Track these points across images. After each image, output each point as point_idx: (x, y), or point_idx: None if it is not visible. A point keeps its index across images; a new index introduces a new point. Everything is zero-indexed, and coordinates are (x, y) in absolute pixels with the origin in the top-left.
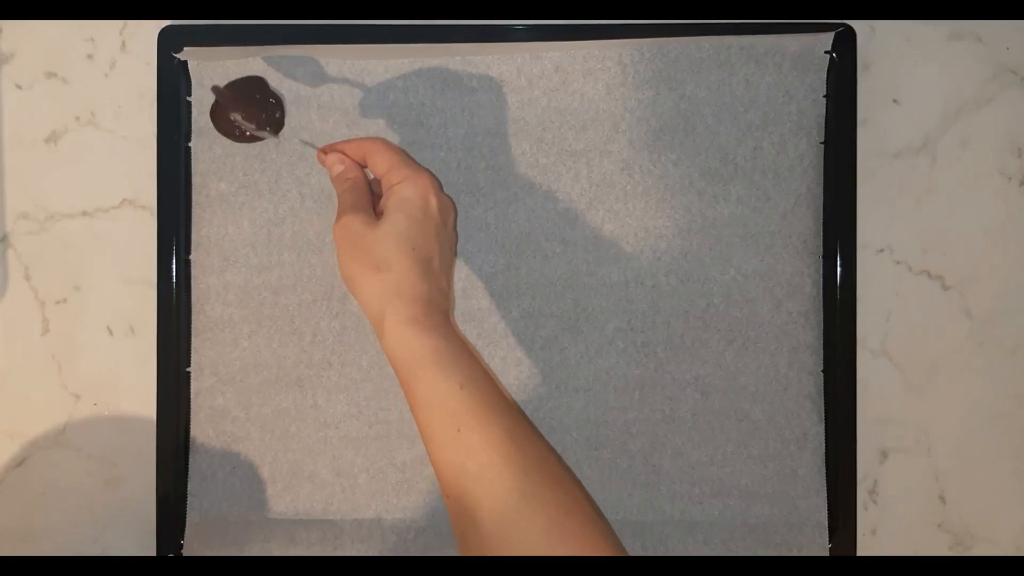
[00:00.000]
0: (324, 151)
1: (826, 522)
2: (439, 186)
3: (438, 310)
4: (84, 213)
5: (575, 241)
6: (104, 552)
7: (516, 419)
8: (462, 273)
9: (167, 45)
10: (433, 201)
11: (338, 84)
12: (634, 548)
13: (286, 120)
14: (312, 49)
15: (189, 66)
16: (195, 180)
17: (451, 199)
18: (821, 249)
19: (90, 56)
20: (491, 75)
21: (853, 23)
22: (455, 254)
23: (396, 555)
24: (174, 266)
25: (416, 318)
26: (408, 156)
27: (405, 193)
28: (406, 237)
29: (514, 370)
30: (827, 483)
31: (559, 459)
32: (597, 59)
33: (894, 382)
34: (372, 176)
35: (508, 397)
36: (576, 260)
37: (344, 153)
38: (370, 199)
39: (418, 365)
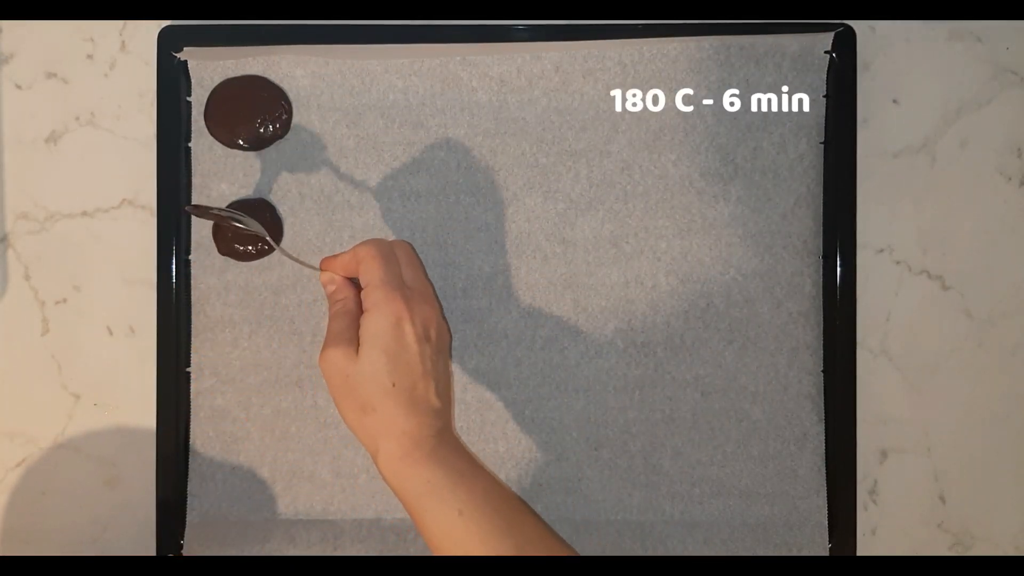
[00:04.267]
0: (323, 267)
1: (826, 522)
2: (415, 300)
3: (429, 437)
4: (84, 213)
5: (575, 241)
6: (104, 552)
7: (525, 533)
8: (462, 273)
9: (167, 45)
10: (407, 328)
11: (338, 84)
12: (634, 548)
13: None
14: (312, 49)
15: (189, 66)
16: (195, 180)
17: (431, 308)
18: (821, 249)
19: (90, 56)
20: (491, 75)
21: (853, 23)
22: (448, 358)
23: (396, 555)
24: (174, 266)
25: (407, 452)
26: (392, 268)
27: (376, 326)
28: (384, 374)
29: (514, 370)
30: (827, 483)
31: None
32: (597, 59)
33: (894, 382)
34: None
35: (514, 505)
36: (576, 260)
37: (339, 263)
38: (356, 325)
39: (415, 497)
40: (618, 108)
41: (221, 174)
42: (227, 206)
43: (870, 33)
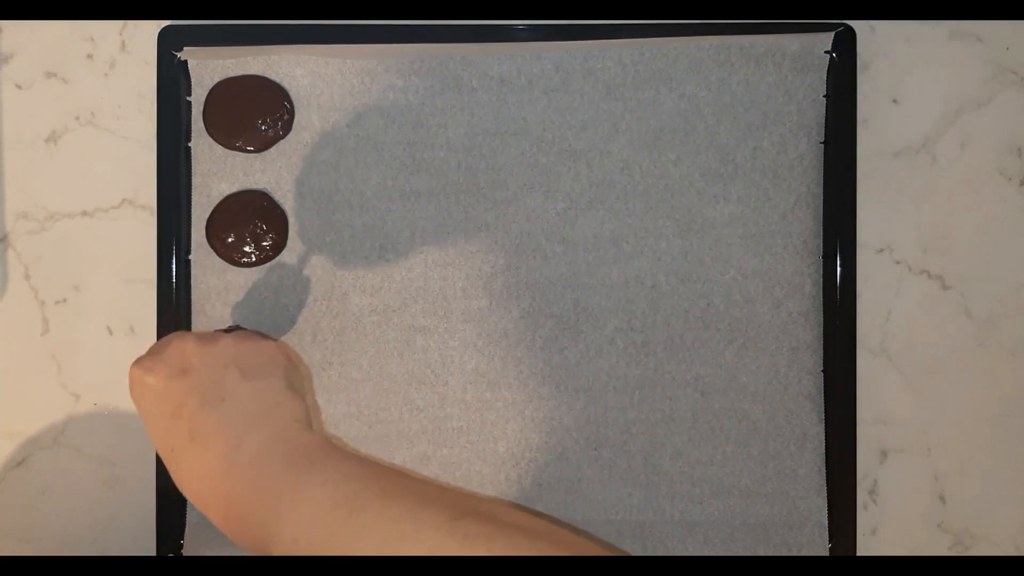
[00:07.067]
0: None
1: (826, 522)
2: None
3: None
4: (84, 213)
5: (575, 241)
6: (104, 552)
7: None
8: (462, 273)
9: (167, 45)
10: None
11: (338, 84)
12: (634, 548)
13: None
14: (312, 49)
15: (189, 66)
16: (195, 180)
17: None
18: (821, 249)
19: (90, 56)
20: (491, 75)
21: (853, 23)
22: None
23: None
24: (174, 266)
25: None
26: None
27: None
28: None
29: (514, 370)
30: (827, 483)
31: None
32: (597, 59)
33: (894, 382)
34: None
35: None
36: (576, 260)
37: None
38: None
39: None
40: (618, 108)
41: (221, 174)
42: (225, 197)
43: (870, 33)
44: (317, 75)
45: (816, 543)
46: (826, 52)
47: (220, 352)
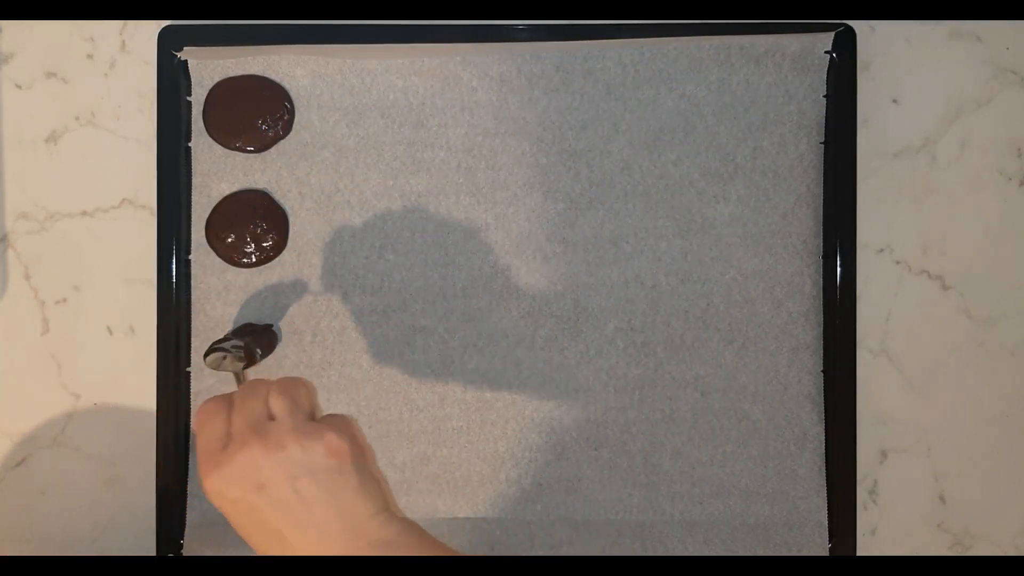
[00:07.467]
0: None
1: (826, 522)
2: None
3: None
4: (84, 213)
5: (575, 241)
6: (104, 552)
7: None
8: (462, 273)
9: (167, 45)
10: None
11: (338, 84)
12: (634, 548)
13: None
14: (312, 49)
15: (189, 66)
16: (195, 180)
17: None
18: (821, 249)
19: (90, 56)
20: (491, 75)
21: (853, 23)
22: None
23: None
24: (174, 266)
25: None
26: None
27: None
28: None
29: (514, 370)
30: (827, 483)
31: None
32: (597, 59)
33: (894, 382)
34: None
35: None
36: (576, 260)
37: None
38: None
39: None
40: (618, 108)
41: (221, 174)
42: (225, 197)
43: (870, 33)
44: (317, 75)
45: (816, 543)
46: (826, 52)
47: (291, 463)
